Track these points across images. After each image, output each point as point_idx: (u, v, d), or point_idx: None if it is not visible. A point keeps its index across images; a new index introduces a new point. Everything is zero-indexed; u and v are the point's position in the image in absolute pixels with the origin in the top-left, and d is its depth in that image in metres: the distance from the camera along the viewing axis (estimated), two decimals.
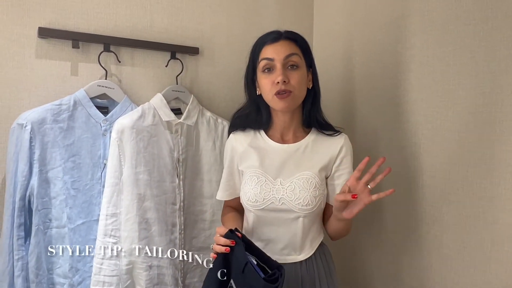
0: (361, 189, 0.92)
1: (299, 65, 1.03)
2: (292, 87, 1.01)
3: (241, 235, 0.93)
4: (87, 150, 1.15)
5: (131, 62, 1.29)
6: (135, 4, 1.28)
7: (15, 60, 1.12)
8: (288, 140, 1.10)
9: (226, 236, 0.92)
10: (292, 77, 1.01)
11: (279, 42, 1.02)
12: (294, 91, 1.01)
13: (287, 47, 1.02)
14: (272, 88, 1.01)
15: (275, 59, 1.01)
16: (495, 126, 1.01)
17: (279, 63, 1.01)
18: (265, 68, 1.03)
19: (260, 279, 0.85)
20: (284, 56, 1.01)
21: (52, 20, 1.16)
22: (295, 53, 1.02)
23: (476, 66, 1.04)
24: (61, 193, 1.11)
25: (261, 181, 1.04)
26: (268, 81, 1.02)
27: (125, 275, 1.11)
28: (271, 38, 1.03)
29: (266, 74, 1.03)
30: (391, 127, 1.29)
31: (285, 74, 1.00)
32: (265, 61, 1.03)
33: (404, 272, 1.24)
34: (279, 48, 1.02)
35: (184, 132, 1.25)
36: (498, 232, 1.01)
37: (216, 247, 0.92)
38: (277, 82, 0.99)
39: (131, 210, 1.12)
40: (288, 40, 1.03)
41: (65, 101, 1.13)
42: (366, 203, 0.92)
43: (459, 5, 1.08)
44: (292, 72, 1.01)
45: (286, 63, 1.01)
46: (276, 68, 1.01)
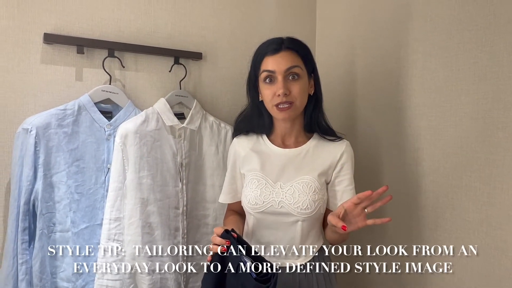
0: (358, 212, 0.91)
1: (300, 75, 1.03)
2: (294, 98, 1.02)
3: (236, 236, 0.94)
4: (91, 154, 1.15)
5: (135, 67, 1.30)
6: (139, 10, 1.30)
7: (21, 65, 1.14)
8: (290, 144, 1.11)
9: (222, 236, 0.93)
10: (293, 88, 1.01)
11: (280, 53, 1.02)
12: (295, 101, 1.02)
13: (288, 59, 1.02)
14: (273, 99, 1.02)
15: (276, 71, 1.01)
16: (498, 132, 1.01)
17: (280, 75, 1.01)
18: (266, 78, 1.04)
19: (251, 279, 0.86)
20: (285, 68, 1.01)
21: (57, 26, 1.17)
22: (296, 65, 1.02)
23: (479, 71, 1.04)
24: (65, 197, 1.11)
25: (261, 184, 1.05)
26: (270, 92, 1.03)
27: (128, 279, 1.12)
28: (271, 49, 1.03)
29: (267, 85, 1.04)
30: (393, 131, 1.29)
31: (286, 87, 1.00)
32: (266, 72, 1.03)
33: (406, 278, 1.24)
34: (280, 60, 1.02)
35: (187, 137, 1.26)
36: (503, 238, 1.00)
37: (213, 247, 0.93)
38: (278, 94, 1.00)
39: (134, 214, 1.13)
40: (289, 51, 1.03)
41: (70, 106, 1.14)
42: (360, 227, 0.91)
43: (462, 11, 1.08)
44: (293, 83, 1.02)
45: (287, 75, 1.02)
46: (277, 80, 1.01)
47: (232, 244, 0.91)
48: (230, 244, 0.91)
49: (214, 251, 0.92)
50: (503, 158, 1.00)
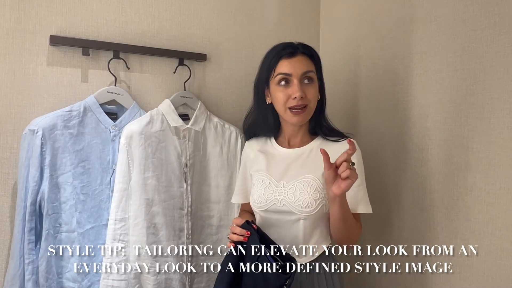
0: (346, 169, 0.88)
1: (314, 80, 1.06)
2: (308, 101, 1.04)
3: (256, 227, 0.96)
4: (96, 155, 1.16)
5: (140, 68, 1.31)
6: (144, 12, 1.30)
7: (27, 67, 1.15)
8: (294, 144, 1.13)
9: (243, 226, 0.95)
10: (308, 91, 1.04)
11: (296, 57, 1.04)
12: (309, 104, 1.05)
13: (304, 63, 1.04)
14: (288, 102, 1.04)
15: (293, 74, 1.03)
16: (503, 132, 1.00)
17: (296, 79, 1.03)
18: (281, 81, 1.05)
19: (273, 273, 0.87)
20: (302, 72, 1.03)
21: (63, 28, 1.18)
22: (311, 70, 1.05)
23: (484, 72, 1.04)
24: (70, 198, 1.12)
25: (265, 184, 1.08)
26: (284, 94, 1.04)
27: (133, 279, 1.12)
28: (287, 52, 1.04)
29: (282, 88, 1.05)
30: (398, 132, 1.28)
31: (302, 90, 1.02)
32: (281, 75, 1.05)
33: (406, 278, 1.23)
34: (297, 64, 1.04)
35: (192, 138, 1.26)
36: (509, 239, 1.00)
37: (233, 236, 0.96)
38: (294, 97, 1.02)
39: (139, 215, 1.13)
40: (304, 56, 1.05)
41: (75, 107, 1.15)
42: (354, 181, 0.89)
43: (466, 11, 1.08)
44: (308, 87, 1.05)
45: (302, 78, 1.04)
46: (293, 83, 1.03)
47: (252, 235, 0.93)
48: (250, 235, 0.93)
49: (233, 239, 0.95)
50: (509, 158, 0.99)
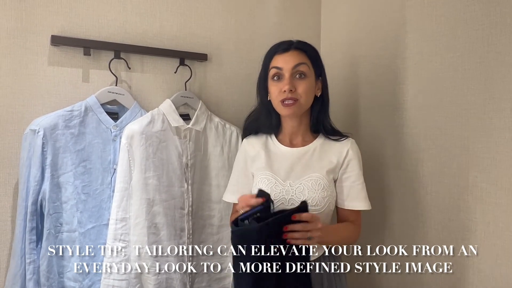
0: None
1: (307, 74, 1.06)
2: (299, 95, 1.05)
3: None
4: (97, 155, 1.16)
5: (141, 68, 1.31)
6: (145, 12, 1.31)
7: (29, 67, 1.15)
8: (297, 144, 1.13)
9: (258, 195, 0.92)
10: (299, 86, 1.05)
11: (289, 52, 1.07)
12: (300, 99, 1.05)
13: (296, 57, 1.06)
14: (279, 95, 1.06)
15: (283, 68, 1.06)
16: (504, 132, 1.00)
17: (287, 73, 1.05)
18: (274, 76, 1.08)
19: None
20: (292, 65, 1.05)
21: (64, 28, 1.19)
22: (303, 62, 1.06)
23: (485, 71, 1.04)
24: (72, 198, 1.12)
25: (271, 183, 1.07)
26: (276, 88, 1.07)
27: (134, 279, 1.12)
28: (282, 48, 1.08)
29: (275, 82, 1.08)
30: (398, 132, 1.28)
31: (292, 83, 1.04)
32: (274, 69, 1.08)
33: (406, 278, 1.23)
34: (288, 58, 1.06)
35: (193, 138, 1.26)
36: (509, 239, 0.99)
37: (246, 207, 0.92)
38: (284, 90, 1.04)
39: (140, 215, 1.14)
40: (297, 50, 1.08)
41: (77, 107, 1.15)
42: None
43: (468, 10, 1.08)
44: (300, 81, 1.06)
45: (294, 73, 1.06)
46: (284, 77, 1.06)
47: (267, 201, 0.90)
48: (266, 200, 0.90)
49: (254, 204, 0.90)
50: (510, 158, 0.99)
